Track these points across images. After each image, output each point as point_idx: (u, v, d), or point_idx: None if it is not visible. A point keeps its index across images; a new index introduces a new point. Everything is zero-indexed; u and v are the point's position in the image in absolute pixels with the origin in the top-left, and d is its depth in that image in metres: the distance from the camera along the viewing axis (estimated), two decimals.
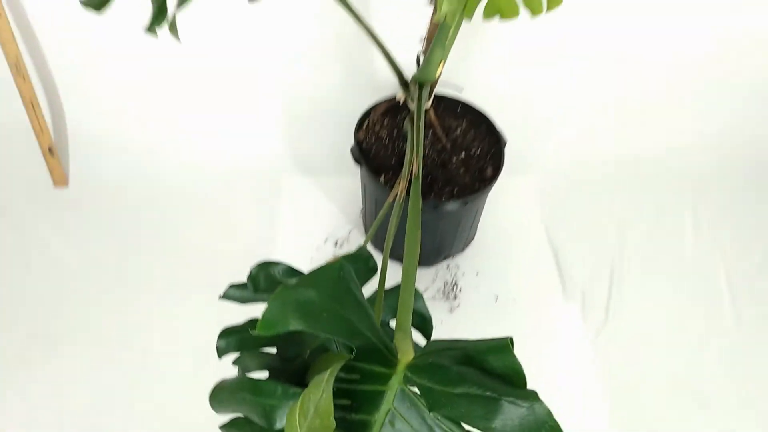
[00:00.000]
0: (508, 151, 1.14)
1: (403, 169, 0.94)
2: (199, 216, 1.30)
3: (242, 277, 0.63)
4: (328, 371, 0.41)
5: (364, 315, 0.47)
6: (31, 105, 1.22)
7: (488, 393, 0.39)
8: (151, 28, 0.65)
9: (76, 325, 1.12)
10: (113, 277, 1.19)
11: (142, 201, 1.31)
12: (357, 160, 1.12)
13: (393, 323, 0.68)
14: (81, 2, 0.66)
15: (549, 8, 0.85)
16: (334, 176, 1.37)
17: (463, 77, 1.28)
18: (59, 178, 1.32)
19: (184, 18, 0.66)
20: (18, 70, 1.17)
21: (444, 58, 0.98)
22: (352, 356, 0.44)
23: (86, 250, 1.23)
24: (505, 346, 0.41)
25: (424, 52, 1.03)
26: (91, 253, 1.22)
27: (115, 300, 1.16)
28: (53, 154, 1.29)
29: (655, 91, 1.39)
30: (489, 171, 1.12)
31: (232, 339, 0.60)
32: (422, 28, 1.02)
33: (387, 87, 1.31)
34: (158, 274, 1.20)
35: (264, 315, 0.39)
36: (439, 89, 1.17)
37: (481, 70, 1.32)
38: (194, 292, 1.16)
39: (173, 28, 0.59)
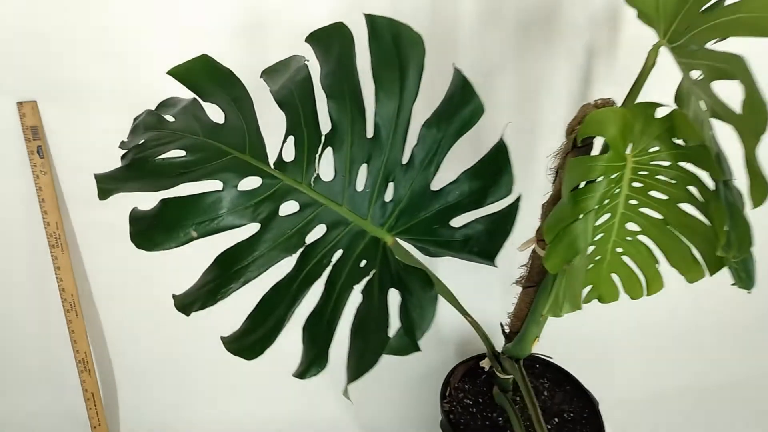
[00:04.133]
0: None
1: None
2: None
3: None
4: None
5: None
6: (92, 398, 1.16)
7: None
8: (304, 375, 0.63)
9: None
10: None
11: None
12: None
13: None
14: (226, 348, 0.65)
15: (649, 293, 0.87)
16: None
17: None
18: None
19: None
20: (85, 365, 1.14)
21: (538, 334, 0.99)
22: None
23: None
24: None
25: (510, 326, 1.03)
26: None
27: None
28: None
29: None
30: None
31: None
32: (510, 305, 1.03)
33: (449, 342, 1.30)
34: None
35: None
36: None
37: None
38: None
39: (346, 393, 0.57)
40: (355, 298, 0.63)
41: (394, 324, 0.60)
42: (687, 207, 0.76)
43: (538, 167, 1.11)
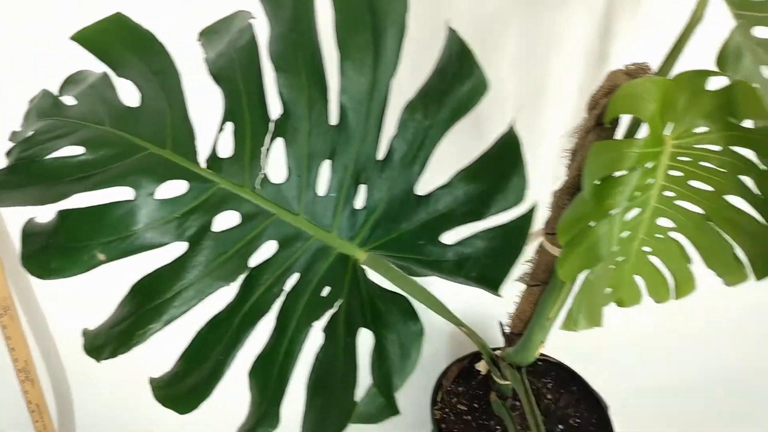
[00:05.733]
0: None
1: None
2: None
3: None
4: None
5: None
6: (37, 409, 1.03)
7: None
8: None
9: None
10: None
11: None
12: None
13: None
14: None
15: (678, 296, 0.73)
16: None
17: None
18: None
19: None
20: (27, 374, 1.00)
21: (543, 339, 0.86)
22: None
23: None
24: None
25: (511, 327, 0.90)
26: None
27: None
28: None
29: None
30: None
31: None
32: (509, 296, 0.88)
33: (441, 335, 1.17)
34: None
35: None
36: None
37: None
38: None
39: None
40: (314, 340, 0.48)
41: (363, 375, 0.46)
42: (734, 200, 0.62)
43: (545, 143, 0.95)
